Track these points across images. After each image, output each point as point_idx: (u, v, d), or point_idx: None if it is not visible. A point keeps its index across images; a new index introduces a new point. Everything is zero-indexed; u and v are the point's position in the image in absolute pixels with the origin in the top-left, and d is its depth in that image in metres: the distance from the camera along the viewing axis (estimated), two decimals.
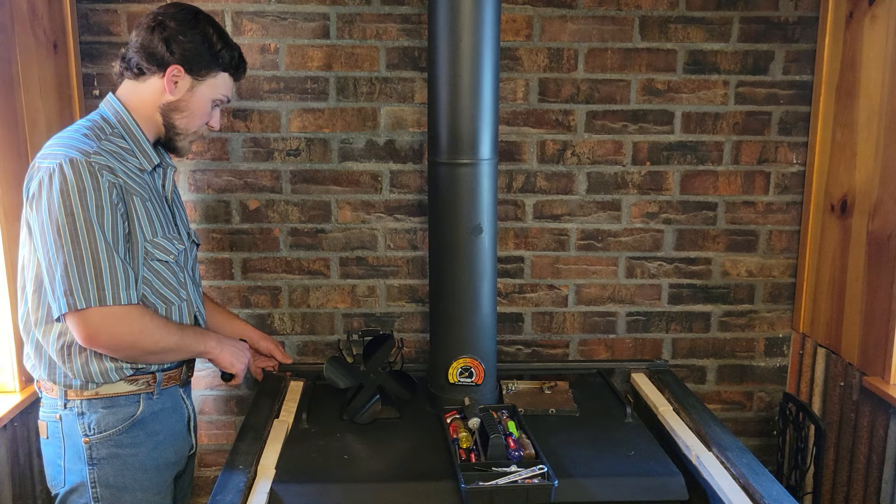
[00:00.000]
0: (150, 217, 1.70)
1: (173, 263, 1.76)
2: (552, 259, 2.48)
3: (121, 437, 1.71)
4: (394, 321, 2.49)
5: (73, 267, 1.55)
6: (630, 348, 2.56)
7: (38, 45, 2.05)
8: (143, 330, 1.64)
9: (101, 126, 1.69)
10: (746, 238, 2.49)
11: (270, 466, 1.79)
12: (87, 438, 1.69)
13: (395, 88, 2.35)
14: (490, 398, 2.12)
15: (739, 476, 1.74)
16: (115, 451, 1.71)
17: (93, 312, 1.57)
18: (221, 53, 1.73)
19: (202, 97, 1.75)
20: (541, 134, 2.40)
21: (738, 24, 2.35)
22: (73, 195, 1.55)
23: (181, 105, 1.73)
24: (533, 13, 2.32)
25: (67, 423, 1.70)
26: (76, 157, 1.57)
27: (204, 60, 1.71)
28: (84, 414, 1.69)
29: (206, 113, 1.78)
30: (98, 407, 1.69)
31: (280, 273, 2.44)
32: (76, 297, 1.56)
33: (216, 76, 1.74)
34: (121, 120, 1.71)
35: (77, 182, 1.55)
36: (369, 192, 2.41)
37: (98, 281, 1.56)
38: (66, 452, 1.71)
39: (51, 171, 1.56)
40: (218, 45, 1.73)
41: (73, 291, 1.55)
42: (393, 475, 1.81)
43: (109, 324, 1.60)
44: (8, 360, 1.97)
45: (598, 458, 1.87)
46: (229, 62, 1.76)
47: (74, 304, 1.56)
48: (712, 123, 2.42)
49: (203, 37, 1.71)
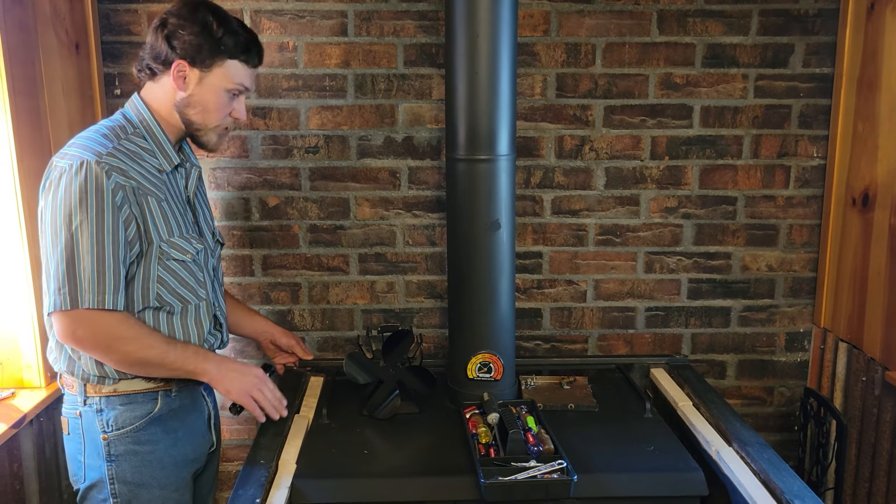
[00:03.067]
0: (166, 217, 1.71)
1: (191, 263, 1.77)
2: (570, 254, 2.48)
3: (139, 434, 1.73)
4: (413, 317, 2.50)
5: (62, 267, 1.58)
6: (649, 343, 2.55)
7: (61, 46, 2.08)
8: (121, 338, 1.64)
9: (122, 126, 1.71)
10: (766, 232, 2.48)
11: (291, 461, 1.80)
12: (105, 435, 1.71)
13: (412, 85, 2.35)
14: (509, 393, 2.12)
15: (760, 471, 1.73)
16: (132, 447, 1.72)
17: (73, 314, 1.60)
18: (223, 40, 1.68)
19: (213, 88, 1.71)
20: (559, 129, 2.39)
21: (758, 17, 2.33)
22: (73, 197, 1.57)
23: (193, 100, 1.71)
24: (550, 8, 2.32)
25: (87, 420, 1.72)
26: (87, 159, 1.59)
27: (206, 50, 1.68)
28: (102, 411, 1.71)
29: (222, 105, 1.74)
30: (116, 404, 1.71)
31: (300, 269, 2.46)
32: (62, 297, 1.59)
33: (223, 64, 1.70)
34: (142, 120, 1.73)
35: (81, 184, 1.57)
36: (388, 188, 2.41)
37: (82, 284, 1.59)
38: (85, 448, 1.73)
39: (61, 171, 1.59)
40: (219, 32, 1.68)
41: (59, 290, 1.59)
42: (412, 470, 1.82)
43: (85, 327, 1.62)
44: (33, 357, 2.00)
45: (618, 454, 1.87)
46: (234, 47, 1.70)
47: (60, 304, 1.59)
48: (731, 117, 2.40)
49: (202, 26, 1.67)
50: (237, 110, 1.78)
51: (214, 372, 1.75)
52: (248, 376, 1.80)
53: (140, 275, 1.69)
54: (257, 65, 1.78)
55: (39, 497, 2.00)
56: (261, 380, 1.82)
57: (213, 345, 1.88)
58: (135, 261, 1.68)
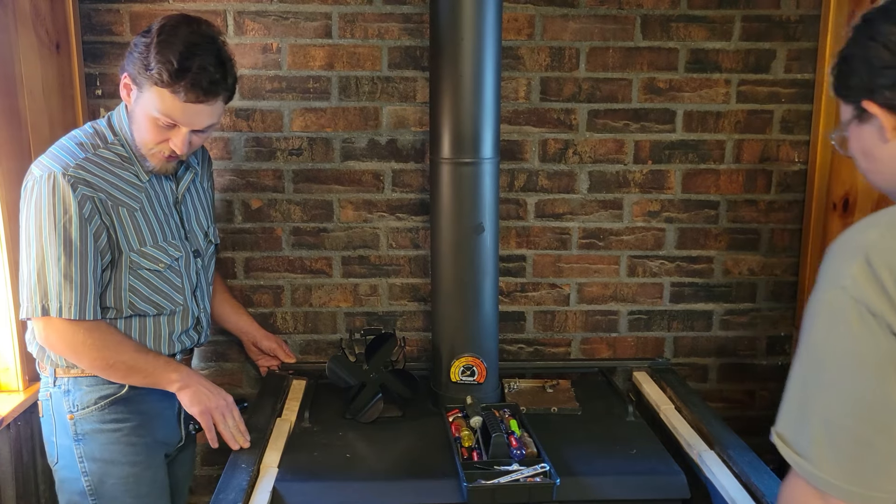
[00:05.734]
0: (138, 227, 1.73)
1: (165, 271, 1.78)
2: (554, 258, 2.48)
3: (103, 414, 1.77)
4: (396, 320, 2.50)
5: (31, 276, 1.63)
6: (632, 347, 2.56)
7: (41, 46, 2.06)
8: (89, 346, 1.68)
9: (102, 134, 1.73)
10: (748, 237, 2.49)
11: (273, 465, 1.79)
12: (71, 415, 1.76)
13: (397, 88, 2.35)
14: (492, 397, 2.12)
15: (742, 474, 1.74)
16: (98, 426, 1.77)
17: (43, 321, 1.66)
18: (150, 65, 1.59)
19: (143, 111, 1.66)
20: (542, 133, 2.40)
21: (740, 23, 2.35)
22: (42, 209, 1.61)
23: (133, 117, 1.70)
24: (534, 12, 2.32)
25: (56, 401, 1.77)
26: (54, 171, 1.62)
27: (136, 71, 1.63)
28: (69, 391, 1.76)
29: (151, 129, 1.67)
30: (83, 385, 1.76)
31: (282, 272, 2.45)
32: (33, 305, 1.64)
33: (151, 90, 1.62)
34: (122, 128, 1.74)
35: (49, 197, 1.61)
36: (371, 191, 2.41)
37: (51, 293, 1.63)
38: (56, 429, 1.78)
39: (34, 181, 1.63)
40: (150, 56, 1.59)
41: (31, 298, 1.64)
42: (395, 473, 1.81)
43: (55, 334, 1.68)
44: (11, 360, 1.97)
45: (600, 457, 1.87)
46: (158, 76, 1.59)
47: (31, 311, 1.65)
48: (714, 122, 2.42)
49: (145, 45, 1.61)
50: (173, 141, 1.68)
51: (180, 384, 1.76)
52: (216, 397, 1.79)
53: (112, 283, 1.72)
54: (193, 101, 1.63)
55: (16, 502, 1.97)
56: (228, 405, 1.81)
57: (187, 345, 1.90)
58: (107, 268, 1.70)
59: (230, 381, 2.49)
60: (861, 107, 1.15)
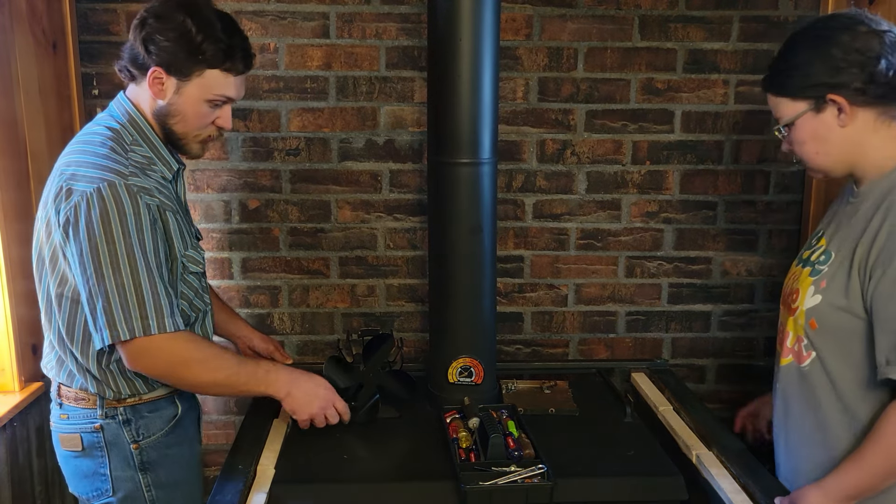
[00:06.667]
0: (181, 230, 1.67)
1: (201, 273, 1.75)
2: (552, 258, 2.48)
3: (168, 439, 1.73)
4: (393, 321, 2.49)
5: (114, 297, 1.50)
6: (630, 348, 2.56)
7: (38, 45, 2.05)
8: (187, 362, 1.60)
9: (121, 135, 1.61)
10: (746, 237, 2.49)
11: (270, 466, 1.79)
12: (136, 444, 1.68)
13: (394, 88, 2.34)
14: (490, 398, 2.11)
15: (739, 475, 1.73)
16: (164, 452, 1.72)
17: (135, 344, 1.54)
18: (202, 49, 1.54)
19: (192, 99, 1.60)
20: (540, 133, 2.40)
21: (738, 23, 2.35)
22: (113, 222, 1.50)
23: (172, 109, 1.61)
24: (532, 12, 2.32)
25: (111, 432, 1.67)
26: (114, 181, 1.51)
27: (182, 59, 1.55)
28: (130, 420, 1.68)
29: (202, 115, 1.63)
30: (143, 412, 1.69)
31: (280, 273, 2.44)
32: (119, 329, 1.51)
33: (202, 75, 1.57)
34: (136, 126, 1.64)
35: (118, 208, 1.50)
36: (369, 191, 2.40)
37: (141, 310, 1.51)
38: (111, 461, 1.68)
39: (87, 196, 1.50)
40: (197, 39, 1.54)
41: (116, 323, 1.51)
42: (392, 475, 1.81)
43: (150, 353, 1.56)
44: (7, 360, 1.97)
45: (598, 458, 1.87)
46: (213, 57, 1.56)
47: (118, 336, 1.52)
48: (712, 123, 2.41)
49: (180, 33, 1.54)
50: (221, 118, 1.66)
51: (287, 390, 1.74)
52: (319, 400, 1.80)
53: None
54: (243, 72, 1.64)
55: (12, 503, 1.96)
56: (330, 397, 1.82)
57: None
58: None
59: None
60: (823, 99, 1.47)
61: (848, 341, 1.51)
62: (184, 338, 1.59)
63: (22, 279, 1.98)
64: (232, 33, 1.60)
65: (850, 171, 1.56)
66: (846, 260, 1.51)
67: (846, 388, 1.53)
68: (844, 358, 1.52)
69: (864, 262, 1.46)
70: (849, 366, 1.52)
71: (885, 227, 1.44)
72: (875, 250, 1.44)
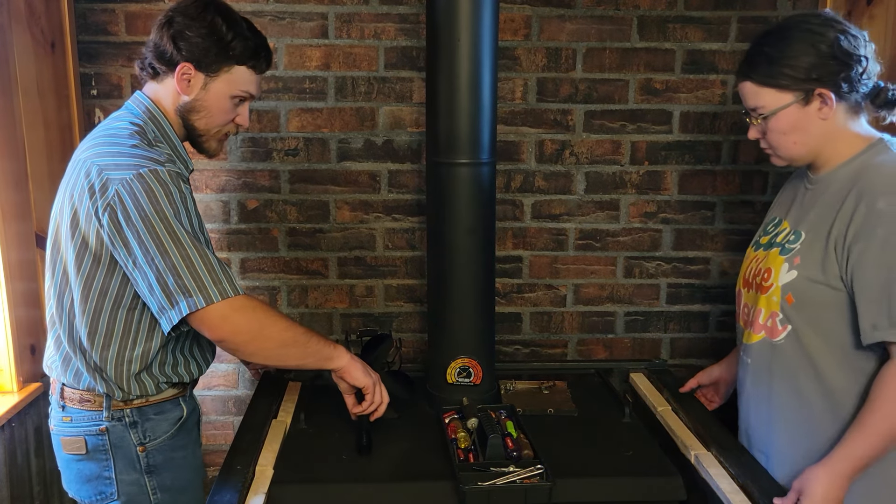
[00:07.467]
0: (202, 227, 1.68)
1: None
2: (550, 259, 2.48)
3: (174, 441, 1.72)
4: (392, 321, 2.49)
5: (183, 269, 1.49)
6: (628, 348, 2.56)
7: (36, 45, 2.05)
8: (268, 317, 1.59)
9: (144, 131, 1.63)
10: (744, 238, 2.48)
11: (268, 467, 1.79)
12: (142, 447, 1.68)
13: (393, 88, 2.34)
14: (488, 398, 2.11)
15: (738, 475, 1.74)
16: (170, 454, 1.72)
17: (215, 309, 1.51)
18: (233, 45, 1.62)
19: (219, 94, 1.65)
20: (539, 133, 2.40)
21: (736, 24, 2.35)
22: (162, 201, 1.50)
23: (197, 105, 1.66)
24: (531, 13, 2.32)
25: (116, 434, 1.67)
26: (155, 168, 1.52)
27: (213, 55, 1.61)
28: (137, 423, 1.67)
29: (227, 111, 1.69)
30: (150, 414, 1.69)
31: (278, 273, 2.44)
32: (196, 297, 1.49)
33: (230, 70, 1.64)
34: (157, 123, 1.66)
35: (163, 189, 1.51)
36: (368, 191, 2.40)
37: (213, 276, 1.51)
38: (116, 465, 1.68)
39: (128, 182, 1.50)
40: (228, 37, 1.61)
41: (192, 292, 1.49)
42: (391, 475, 1.81)
43: (234, 316, 1.54)
44: (5, 360, 1.97)
45: (597, 458, 1.87)
46: (242, 54, 1.64)
47: (195, 304, 1.50)
48: (710, 123, 2.42)
49: (210, 29, 1.60)
50: (241, 116, 1.72)
51: (345, 360, 1.73)
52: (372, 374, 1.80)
53: None
54: (265, 70, 1.72)
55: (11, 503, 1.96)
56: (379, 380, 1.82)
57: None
58: None
59: (225, 382, 2.48)
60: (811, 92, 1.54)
61: (824, 311, 1.60)
62: (252, 299, 1.60)
63: (20, 280, 1.98)
64: (256, 33, 1.69)
65: (814, 160, 1.65)
66: (819, 238, 1.59)
67: (819, 357, 1.62)
68: (818, 328, 1.62)
69: (841, 239, 1.54)
70: (822, 335, 1.62)
71: (862, 208, 1.52)
72: (854, 228, 1.52)
